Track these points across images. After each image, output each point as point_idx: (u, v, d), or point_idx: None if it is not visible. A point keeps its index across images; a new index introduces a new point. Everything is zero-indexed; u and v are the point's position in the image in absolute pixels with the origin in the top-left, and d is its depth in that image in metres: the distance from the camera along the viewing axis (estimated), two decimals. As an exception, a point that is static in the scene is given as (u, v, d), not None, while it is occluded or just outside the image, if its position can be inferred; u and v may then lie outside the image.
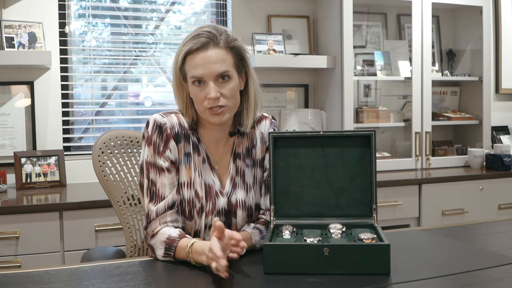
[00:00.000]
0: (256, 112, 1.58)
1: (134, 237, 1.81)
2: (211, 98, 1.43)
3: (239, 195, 1.54)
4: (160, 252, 1.40)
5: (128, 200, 1.80)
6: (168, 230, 1.43)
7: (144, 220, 1.50)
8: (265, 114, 1.65)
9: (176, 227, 1.46)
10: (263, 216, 1.59)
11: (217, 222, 1.25)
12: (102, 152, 1.79)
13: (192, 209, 1.49)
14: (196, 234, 1.51)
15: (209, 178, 1.52)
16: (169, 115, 1.52)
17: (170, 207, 1.47)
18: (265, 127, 1.62)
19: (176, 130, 1.50)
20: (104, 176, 1.78)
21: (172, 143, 1.48)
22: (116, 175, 1.80)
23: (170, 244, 1.38)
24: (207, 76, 1.43)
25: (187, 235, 1.42)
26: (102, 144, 1.79)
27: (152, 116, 1.51)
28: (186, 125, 1.52)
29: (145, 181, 1.49)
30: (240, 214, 1.53)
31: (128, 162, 1.83)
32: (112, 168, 1.79)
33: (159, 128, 1.48)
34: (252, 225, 1.53)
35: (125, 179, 1.81)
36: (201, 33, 1.45)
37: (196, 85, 1.45)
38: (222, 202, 1.51)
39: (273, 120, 1.65)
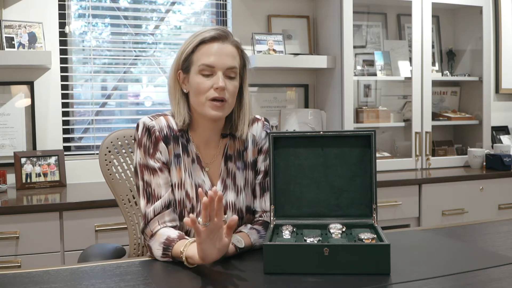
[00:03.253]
0: (250, 118, 1.59)
1: (138, 235, 1.83)
2: (218, 87, 1.43)
3: (230, 197, 1.54)
4: (158, 253, 1.40)
5: (134, 198, 1.83)
6: (167, 231, 1.42)
7: (142, 222, 1.50)
8: (258, 117, 1.64)
9: (175, 226, 1.46)
10: (260, 218, 1.58)
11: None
12: (109, 151, 1.83)
13: (183, 210, 1.49)
14: (187, 235, 1.50)
15: (199, 178, 1.52)
16: (157, 117, 1.52)
17: (167, 206, 1.47)
18: (257, 130, 1.61)
19: (165, 132, 1.50)
20: (110, 174, 1.81)
21: (161, 145, 1.49)
22: (122, 174, 1.83)
23: (168, 245, 1.38)
24: (218, 66, 1.45)
25: (186, 237, 1.42)
26: (110, 144, 1.83)
27: (141, 119, 1.52)
28: (175, 126, 1.52)
29: (140, 183, 1.49)
30: (230, 216, 1.52)
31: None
32: (118, 167, 1.83)
33: (148, 131, 1.49)
34: (249, 225, 1.53)
35: (130, 178, 1.85)
36: (214, 28, 1.49)
37: (203, 74, 1.45)
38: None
39: (265, 123, 1.64)
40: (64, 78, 2.96)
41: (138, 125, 1.51)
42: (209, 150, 1.56)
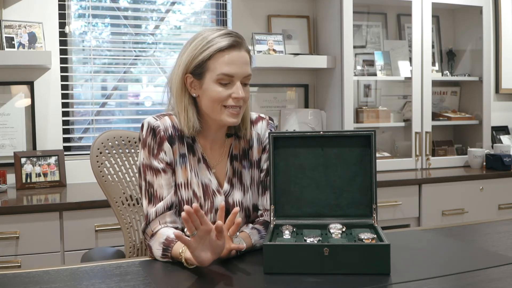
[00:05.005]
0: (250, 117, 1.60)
1: (133, 238, 1.81)
2: (238, 97, 1.43)
3: (236, 196, 1.54)
4: (158, 253, 1.41)
5: (127, 200, 1.80)
6: (167, 231, 1.43)
7: (143, 221, 1.50)
8: (262, 115, 1.65)
9: (175, 228, 1.46)
10: (260, 217, 1.59)
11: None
12: (100, 153, 1.78)
13: None
14: None
15: (205, 177, 1.52)
16: (162, 117, 1.51)
17: (169, 207, 1.47)
18: (261, 128, 1.62)
19: (170, 132, 1.49)
20: (103, 176, 1.78)
21: (166, 145, 1.48)
22: (114, 175, 1.79)
23: (167, 245, 1.38)
24: (237, 76, 1.44)
25: (185, 237, 1.42)
26: (100, 145, 1.78)
27: (146, 119, 1.51)
28: (180, 126, 1.52)
29: (143, 183, 1.49)
30: (238, 215, 1.53)
31: (126, 162, 1.82)
32: (110, 169, 1.79)
33: (153, 131, 1.48)
34: (251, 225, 1.53)
35: (123, 179, 1.81)
36: (229, 33, 1.46)
37: (221, 83, 1.44)
38: (219, 200, 1.51)
39: (270, 121, 1.64)
40: (64, 78, 2.96)
41: (142, 125, 1.51)
42: (215, 151, 1.56)
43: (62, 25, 2.92)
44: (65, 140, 2.96)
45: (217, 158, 1.56)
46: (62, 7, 2.92)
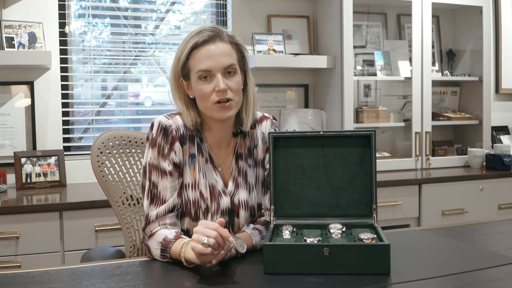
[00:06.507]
0: (255, 111, 1.59)
1: (133, 237, 1.80)
2: (220, 90, 1.43)
3: (242, 195, 1.54)
4: (156, 253, 1.41)
5: (127, 200, 1.80)
6: (165, 232, 1.43)
7: (143, 221, 1.51)
8: (266, 115, 1.65)
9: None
10: (262, 217, 1.59)
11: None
12: (101, 152, 1.78)
13: (197, 210, 1.49)
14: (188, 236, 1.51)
15: (212, 178, 1.53)
16: (174, 116, 1.52)
17: (170, 210, 1.47)
18: (266, 127, 1.62)
19: (182, 132, 1.50)
20: (103, 176, 1.77)
21: (177, 145, 1.48)
22: (115, 175, 1.79)
23: (165, 246, 1.39)
24: (215, 69, 1.44)
25: (183, 236, 1.42)
26: (101, 144, 1.78)
27: (157, 117, 1.51)
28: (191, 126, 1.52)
29: (147, 183, 1.49)
30: (243, 214, 1.53)
31: (126, 162, 1.82)
32: (111, 168, 1.79)
33: (164, 130, 1.48)
34: (252, 225, 1.53)
35: (123, 179, 1.80)
36: (205, 29, 1.47)
37: (202, 79, 1.45)
38: (225, 201, 1.51)
39: (274, 121, 1.65)
40: (64, 78, 2.96)
41: (152, 124, 1.50)
42: (221, 150, 1.56)
43: (62, 25, 2.92)
44: (65, 140, 2.96)
45: (222, 156, 1.56)
46: (62, 7, 2.92)
